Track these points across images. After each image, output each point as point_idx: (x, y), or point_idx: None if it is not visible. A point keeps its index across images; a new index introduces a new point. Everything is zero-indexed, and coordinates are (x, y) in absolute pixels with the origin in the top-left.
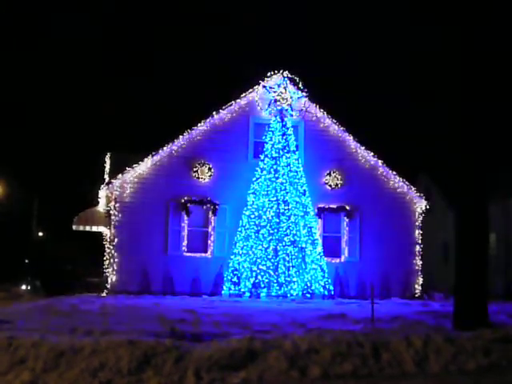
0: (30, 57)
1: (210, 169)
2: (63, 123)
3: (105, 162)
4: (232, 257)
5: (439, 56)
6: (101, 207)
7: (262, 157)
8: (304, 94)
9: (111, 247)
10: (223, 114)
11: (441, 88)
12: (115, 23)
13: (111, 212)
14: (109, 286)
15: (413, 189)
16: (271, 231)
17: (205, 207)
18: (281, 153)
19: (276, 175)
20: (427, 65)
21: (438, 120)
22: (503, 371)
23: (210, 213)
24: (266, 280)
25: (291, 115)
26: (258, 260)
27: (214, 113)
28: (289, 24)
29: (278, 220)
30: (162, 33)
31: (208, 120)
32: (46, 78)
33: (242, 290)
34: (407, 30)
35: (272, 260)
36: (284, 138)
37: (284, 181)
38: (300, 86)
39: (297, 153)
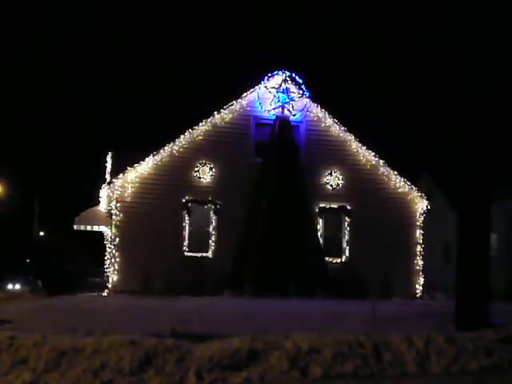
0: (30, 56)
1: (211, 168)
2: (64, 123)
3: (106, 162)
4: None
5: (440, 56)
6: (102, 207)
7: (263, 156)
8: (305, 93)
9: (112, 247)
10: (224, 114)
11: (442, 88)
12: (116, 23)
13: (112, 212)
14: (110, 286)
15: (414, 189)
16: None
17: (206, 207)
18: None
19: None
20: (428, 64)
21: (441, 121)
22: (505, 372)
23: (212, 212)
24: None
25: (292, 115)
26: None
27: (216, 112)
28: (290, 23)
29: None
30: (163, 33)
31: (209, 120)
32: (46, 77)
33: (244, 289)
34: (408, 29)
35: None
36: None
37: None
38: (301, 85)
39: (298, 152)
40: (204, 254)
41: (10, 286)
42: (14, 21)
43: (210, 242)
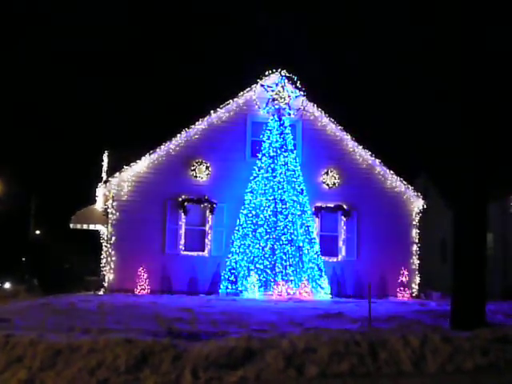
0: (28, 55)
1: (207, 167)
2: (61, 121)
3: (102, 160)
4: (229, 255)
5: (439, 56)
6: (98, 205)
7: (259, 156)
8: (302, 92)
9: (109, 246)
10: (221, 113)
11: (441, 88)
12: (115, 22)
13: (109, 210)
14: (106, 285)
15: (410, 188)
16: (268, 230)
17: (202, 206)
18: (278, 152)
19: (273, 174)
20: (427, 64)
21: (439, 120)
22: (501, 371)
23: (208, 211)
24: (264, 279)
25: (289, 114)
26: (256, 259)
27: (212, 111)
28: (287, 23)
29: (275, 219)
30: (162, 32)
31: (206, 119)
32: (45, 76)
33: (240, 288)
34: (407, 29)
35: (269, 259)
36: (281, 136)
37: (281, 180)
38: (298, 84)
39: (294, 152)
40: (200, 253)
41: None
42: (14, 21)
43: (206, 241)
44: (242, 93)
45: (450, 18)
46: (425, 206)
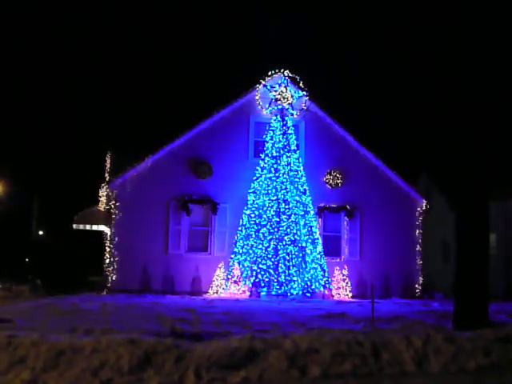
0: (29, 55)
1: (210, 168)
2: (63, 122)
3: (105, 161)
4: (232, 256)
5: (439, 55)
6: (101, 206)
7: (262, 156)
8: (305, 93)
9: (111, 246)
10: (224, 113)
11: (441, 88)
12: (116, 22)
13: (112, 211)
14: (109, 285)
15: (413, 188)
16: (271, 230)
17: (205, 206)
18: (281, 152)
19: (276, 174)
20: (428, 64)
21: (440, 120)
22: (503, 371)
23: (211, 212)
24: (267, 279)
25: (292, 114)
26: (259, 259)
27: (215, 112)
28: (289, 22)
29: (278, 219)
30: (163, 32)
31: (208, 119)
32: (46, 76)
33: (242, 289)
34: (407, 29)
35: (272, 259)
36: (284, 137)
37: (284, 180)
38: (301, 85)
39: (297, 152)
40: (203, 254)
41: None
42: (14, 21)
43: (209, 241)
44: (244, 93)
45: (450, 18)
46: (428, 207)
